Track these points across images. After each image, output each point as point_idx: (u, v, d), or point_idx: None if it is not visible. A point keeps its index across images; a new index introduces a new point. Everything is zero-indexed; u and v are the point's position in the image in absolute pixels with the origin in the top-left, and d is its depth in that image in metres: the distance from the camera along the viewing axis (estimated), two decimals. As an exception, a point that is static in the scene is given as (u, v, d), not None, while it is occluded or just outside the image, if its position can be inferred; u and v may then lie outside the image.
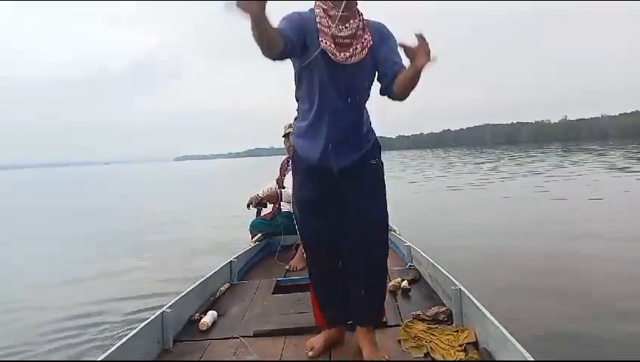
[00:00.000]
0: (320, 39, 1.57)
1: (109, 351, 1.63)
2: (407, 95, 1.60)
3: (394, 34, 1.69)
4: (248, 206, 3.75)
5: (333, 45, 1.58)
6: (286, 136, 3.68)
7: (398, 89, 1.59)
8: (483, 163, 23.96)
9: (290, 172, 3.71)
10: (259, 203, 3.73)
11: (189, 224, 8.77)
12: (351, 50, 1.60)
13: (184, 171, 53.68)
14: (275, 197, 3.63)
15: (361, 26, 1.63)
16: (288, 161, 3.89)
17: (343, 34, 1.59)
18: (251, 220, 3.96)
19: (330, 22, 1.59)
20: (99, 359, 1.57)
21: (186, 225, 8.68)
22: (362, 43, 1.62)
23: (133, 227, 8.70)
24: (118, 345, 1.69)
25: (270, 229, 3.84)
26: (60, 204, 15.84)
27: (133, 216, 10.45)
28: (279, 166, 3.95)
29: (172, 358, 1.92)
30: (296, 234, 3.72)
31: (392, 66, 1.62)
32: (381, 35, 1.67)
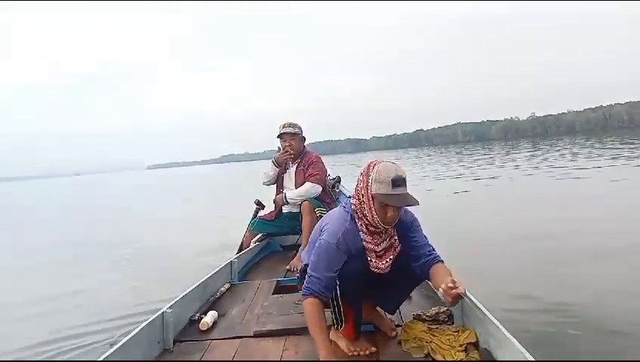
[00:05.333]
0: (367, 256, 1.84)
1: (110, 351, 1.63)
2: None
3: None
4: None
5: (375, 260, 1.86)
6: (281, 136, 3.67)
7: (434, 282, 1.84)
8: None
9: (291, 173, 3.72)
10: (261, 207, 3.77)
11: (185, 229, 8.74)
12: (385, 261, 1.87)
13: (160, 180, 49.74)
14: (280, 202, 3.64)
15: (393, 234, 1.90)
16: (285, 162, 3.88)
17: (380, 248, 1.86)
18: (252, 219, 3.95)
19: (372, 239, 1.84)
20: (99, 359, 1.58)
21: (182, 230, 8.66)
22: (393, 250, 1.90)
23: (129, 232, 8.70)
24: (118, 344, 1.69)
25: (271, 229, 3.83)
26: (47, 211, 15.75)
27: (126, 222, 10.43)
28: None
29: (172, 358, 1.92)
30: (297, 234, 3.73)
31: (425, 256, 1.86)
32: (405, 228, 1.92)
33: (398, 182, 1.71)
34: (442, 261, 1.88)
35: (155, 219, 10.49)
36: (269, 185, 3.85)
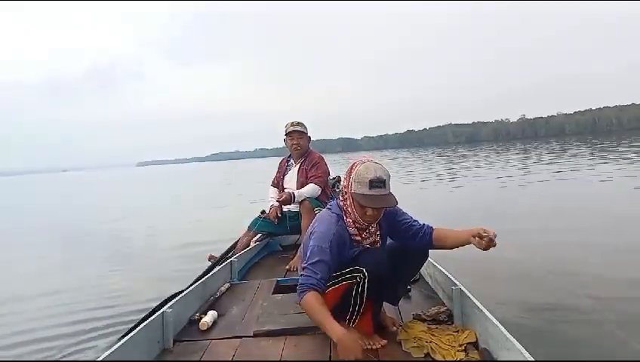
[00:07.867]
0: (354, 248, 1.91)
1: (110, 351, 1.63)
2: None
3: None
4: (275, 218, 3.67)
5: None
6: (289, 134, 3.68)
7: (442, 244, 1.95)
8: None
9: (293, 171, 3.72)
10: (274, 214, 3.67)
11: (185, 227, 8.73)
12: None
13: (152, 176, 48.64)
14: (289, 200, 3.58)
15: (376, 231, 1.96)
16: (287, 161, 3.88)
17: (367, 242, 1.93)
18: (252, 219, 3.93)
19: (359, 233, 1.91)
20: (99, 359, 1.58)
21: (182, 228, 8.65)
22: (376, 246, 1.96)
23: (129, 229, 8.69)
24: (118, 344, 1.69)
25: (270, 229, 3.82)
26: (44, 208, 15.69)
27: (125, 219, 10.42)
28: (278, 165, 3.94)
29: (172, 358, 1.92)
30: (298, 234, 3.72)
31: (420, 231, 1.96)
32: (390, 216, 1.99)
33: (376, 183, 1.75)
34: (433, 227, 1.98)
35: (152, 216, 10.48)
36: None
